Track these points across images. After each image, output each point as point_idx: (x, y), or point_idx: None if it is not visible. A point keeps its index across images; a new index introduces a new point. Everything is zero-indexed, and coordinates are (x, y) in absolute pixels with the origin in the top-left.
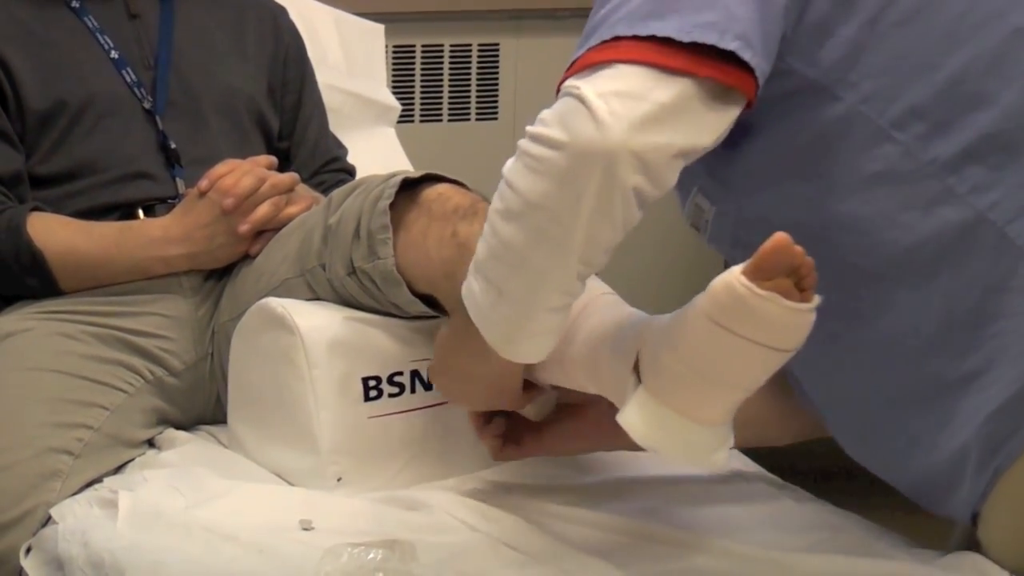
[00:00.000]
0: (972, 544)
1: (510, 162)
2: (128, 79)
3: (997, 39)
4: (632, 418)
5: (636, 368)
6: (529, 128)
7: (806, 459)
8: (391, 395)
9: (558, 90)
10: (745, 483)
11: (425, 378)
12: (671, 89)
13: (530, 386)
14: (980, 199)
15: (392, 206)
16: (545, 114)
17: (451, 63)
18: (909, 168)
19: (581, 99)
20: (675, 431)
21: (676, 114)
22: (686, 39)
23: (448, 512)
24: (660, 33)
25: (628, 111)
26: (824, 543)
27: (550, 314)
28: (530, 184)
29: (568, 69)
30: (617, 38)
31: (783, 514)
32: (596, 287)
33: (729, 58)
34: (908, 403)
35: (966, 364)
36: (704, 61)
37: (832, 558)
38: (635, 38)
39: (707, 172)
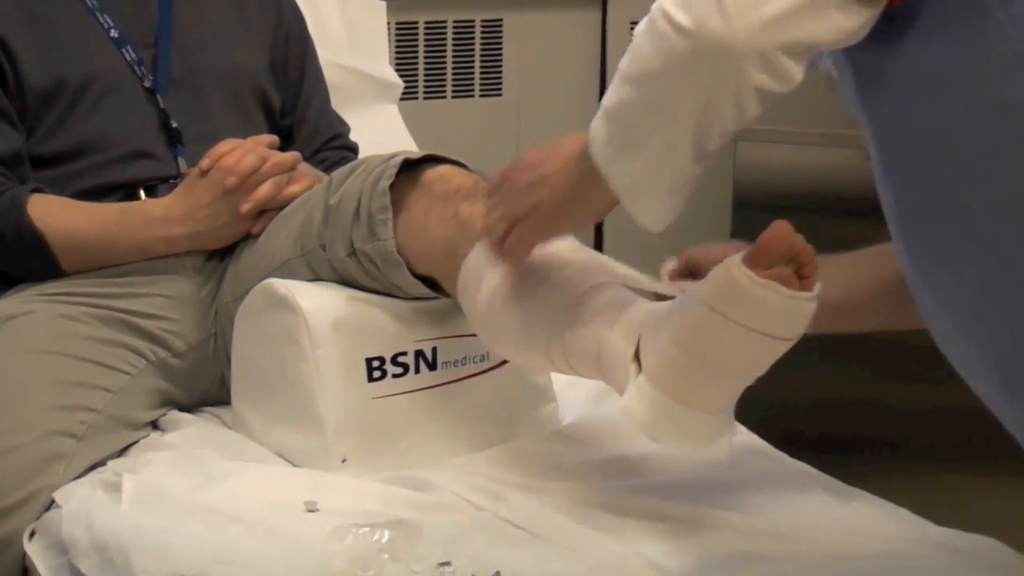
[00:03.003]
0: None
1: (642, 23)
2: (128, 58)
3: None
4: (631, 406)
5: (637, 355)
6: (660, 1)
7: (813, 426)
8: (395, 375)
9: None
10: (751, 458)
11: (429, 358)
12: None
13: None
14: None
15: (392, 187)
16: None
17: (454, 39)
18: None
19: None
20: (675, 419)
21: (812, 11)
22: None
23: (454, 492)
24: None
25: (760, 4)
26: (832, 520)
27: (664, 194)
28: (651, 55)
29: None
30: None
31: (790, 490)
32: (600, 267)
33: None
34: None
35: None
36: None
37: (840, 535)
38: None
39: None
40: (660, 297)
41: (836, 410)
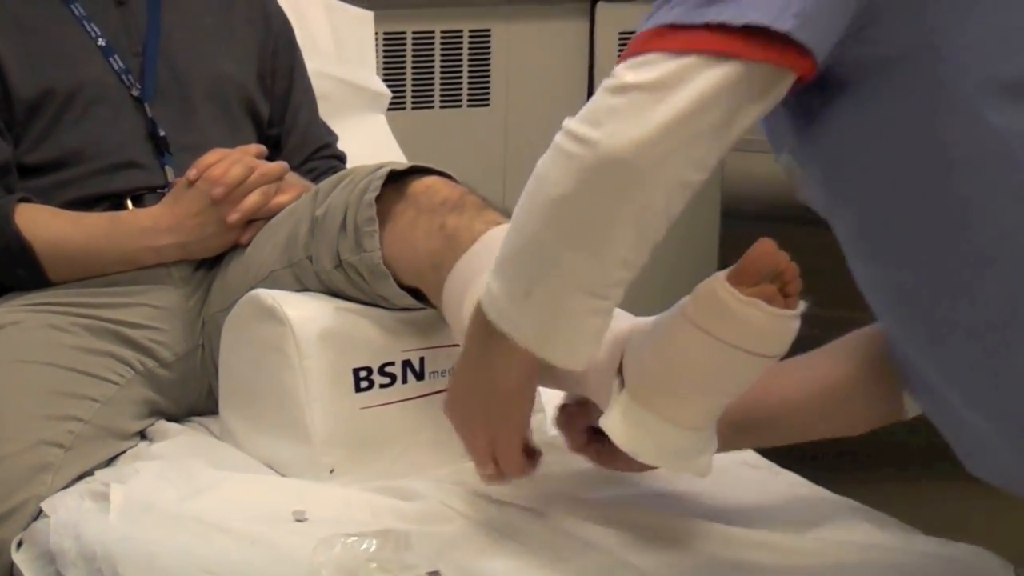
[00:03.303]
0: None
1: (543, 157)
2: (116, 66)
3: None
4: (614, 422)
5: (620, 370)
6: (565, 121)
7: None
8: (383, 386)
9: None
10: (739, 468)
11: (416, 368)
12: (716, 74)
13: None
14: None
15: (379, 198)
16: (583, 109)
17: (442, 49)
18: (1002, 152)
19: (619, 90)
20: (657, 435)
21: (720, 100)
22: (740, 22)
23: (442, 501)
24: (714, 20)
25: (667, 104)
26: (819, 529)
27: (587, 316)
28: (560, 178)
29: (629, 45)
30: (673, 26)
31: (778, 499)
32: None
33: (786, 37)
34: None
35: None
36: (756, 43)
37: (828, 545)
38: (689, 27)
39: (795, 133)
40: None
41: None
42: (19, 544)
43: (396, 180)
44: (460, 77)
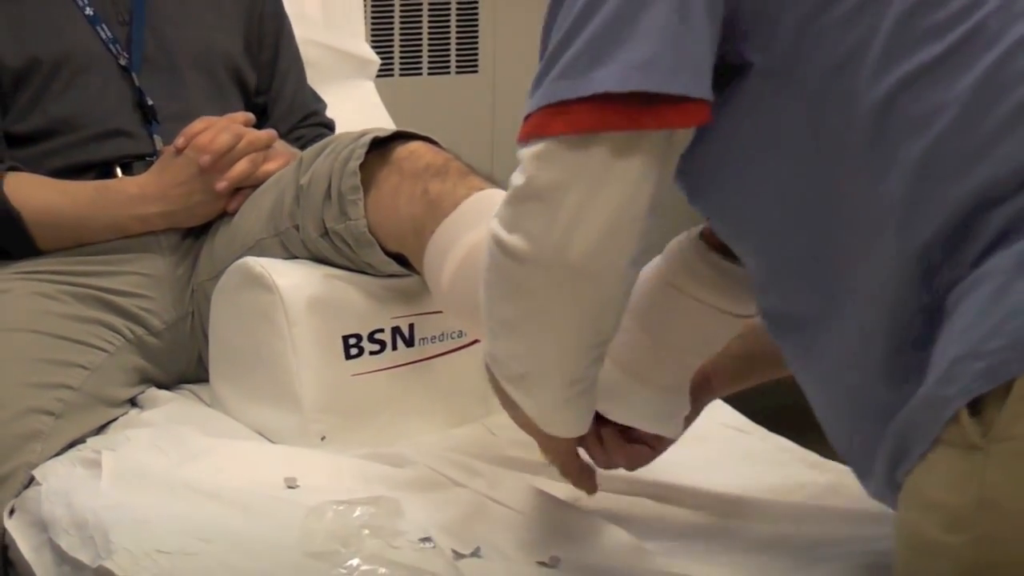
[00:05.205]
0: None
1: (486, 263)
2: (103, 36)
3: None
4: None
5: None
6: (493, 226)
7: (789, 400)
8: (372, 352)
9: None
10: (731, 433)
11: (406, 334)
12: (627, 155)
13: None
14: None
15: (363, 166)
16: (504, 212)
17: (430, 16)
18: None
19: (535, 195)
20: (630, 396)
21: (640, 180)
22: (628, 88)
23: (433, 468)
24: (601, 88)
25: (596, 204)
26: (811, 493)
27: (576, 398)
28: (507, 293)
29: (524, 122)
30: (564, 103)
31: (770, 464)
32: None
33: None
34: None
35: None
36: (654, 109)
37: (821, 509)
38: (579, 101)
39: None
40: None
41: None
42: (11, 512)
43: (380, 146)
44: (448, 44)
